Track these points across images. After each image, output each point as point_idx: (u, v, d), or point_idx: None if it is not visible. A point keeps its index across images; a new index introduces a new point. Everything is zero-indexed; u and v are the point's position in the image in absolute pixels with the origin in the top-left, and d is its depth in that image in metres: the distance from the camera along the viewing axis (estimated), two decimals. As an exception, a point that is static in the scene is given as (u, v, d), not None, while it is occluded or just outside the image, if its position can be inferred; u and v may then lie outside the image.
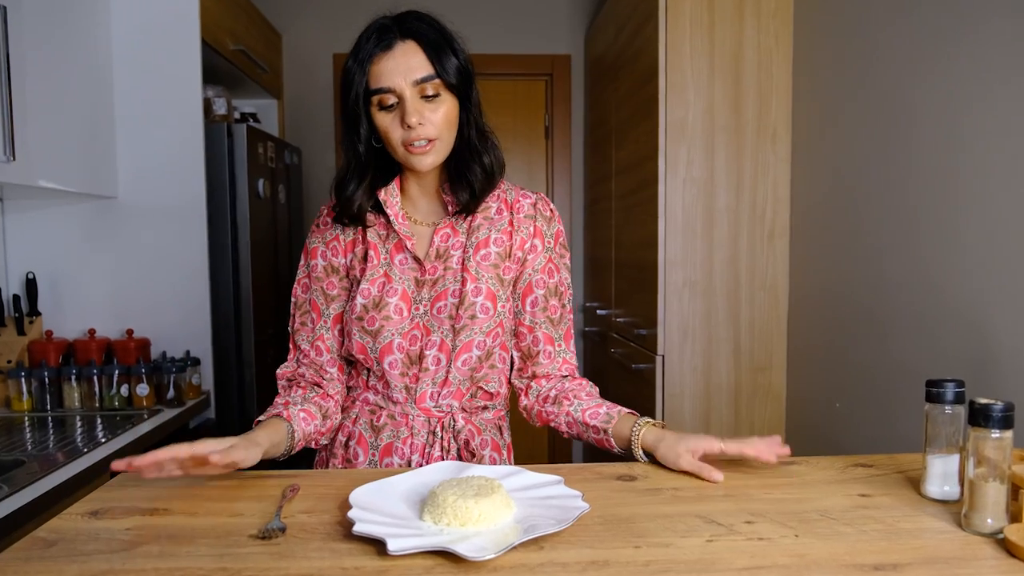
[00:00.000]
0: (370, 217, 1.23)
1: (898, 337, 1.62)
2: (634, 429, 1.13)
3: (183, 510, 0.93)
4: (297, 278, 1.31)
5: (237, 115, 2.93)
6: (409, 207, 1.26)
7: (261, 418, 1.19)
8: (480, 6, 3.47)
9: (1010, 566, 0.77)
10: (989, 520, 0.83)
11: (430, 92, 1.12)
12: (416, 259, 1.22)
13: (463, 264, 1.21)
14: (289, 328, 1.31)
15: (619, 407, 1.20)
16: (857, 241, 1.80)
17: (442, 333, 1.20)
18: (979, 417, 0.81)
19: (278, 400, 1.25)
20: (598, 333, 3.09)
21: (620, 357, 2.58)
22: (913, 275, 1.56)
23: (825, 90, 1.97)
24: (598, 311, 3.03)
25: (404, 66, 1.11)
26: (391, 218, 1.21)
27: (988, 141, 1.34)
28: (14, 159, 1.73)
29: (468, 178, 1.19)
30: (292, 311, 1.31)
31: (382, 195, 1.21)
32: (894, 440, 1.62)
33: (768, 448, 1.05)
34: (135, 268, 2.35)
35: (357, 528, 0.82)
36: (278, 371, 1.30)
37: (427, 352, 1.20)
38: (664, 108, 2.15)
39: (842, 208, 1.88)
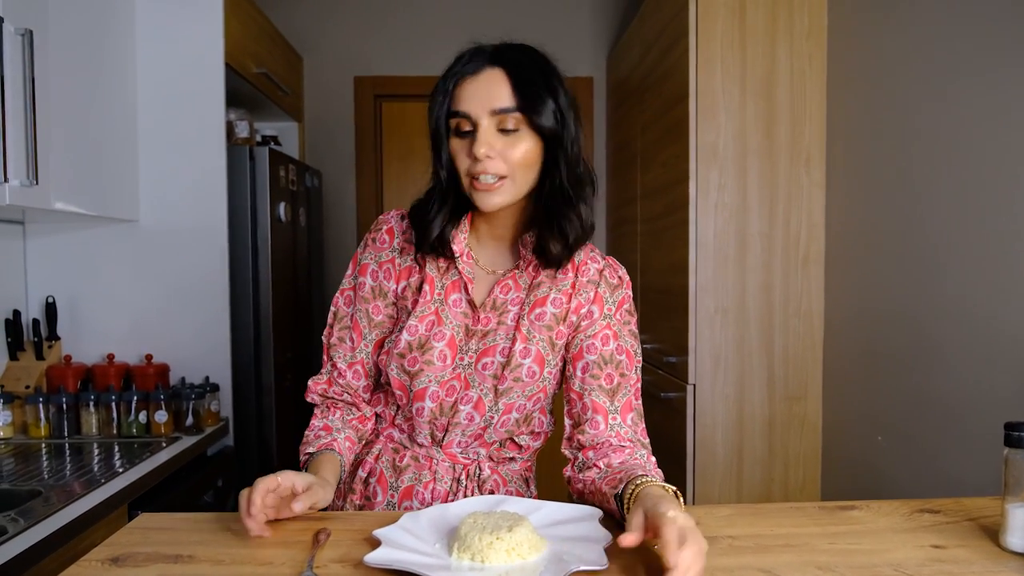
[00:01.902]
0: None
1: (950, 365, 1.55)
2: (639, 482, 0.93)
3: (208, 557, 0.88)
4: (341, 287, 1.23)
5: (258, 138, 2.91)
6: (475, 248, 1.17)
7: (311, 450, 1.13)
8: (500, 28, 3.41)
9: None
10: (1084, 579, 0.76)
11: (510, 126, 1.04)
12: (471, 304, 1.14)
13: (518, 321, 1.13)
14: (324, 338, 1.23)
15: (646, 475, 0.97)
16: (897, 267, 1.73)
17: (481, 391, 1.12)
18: (1076, 468, 0.75)
19: (316, 423, 1.18)
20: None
21: (647, 385, 2.51)
22: (965, 299, 1.50)
23: (861, 113, 1.92)
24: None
25: (485, 93, 1.04)
26: (457, 255, 1.13)
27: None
28: (37, 183, 1.70)
29: (564, 229, 1.08)
30: (330, 320, 1.23)
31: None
32: (948, 477, 1.54)
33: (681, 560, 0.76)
34: (155, 292, 2.32)
35: (381, 558, 0.81)
36: (310, 382, 1.22)
37: (461, 407, 1.13)
38: (695, 131, 2.10)
39: (881, 233, 1.81)
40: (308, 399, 1.23)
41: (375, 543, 0.88)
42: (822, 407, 2.13)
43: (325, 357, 1.23)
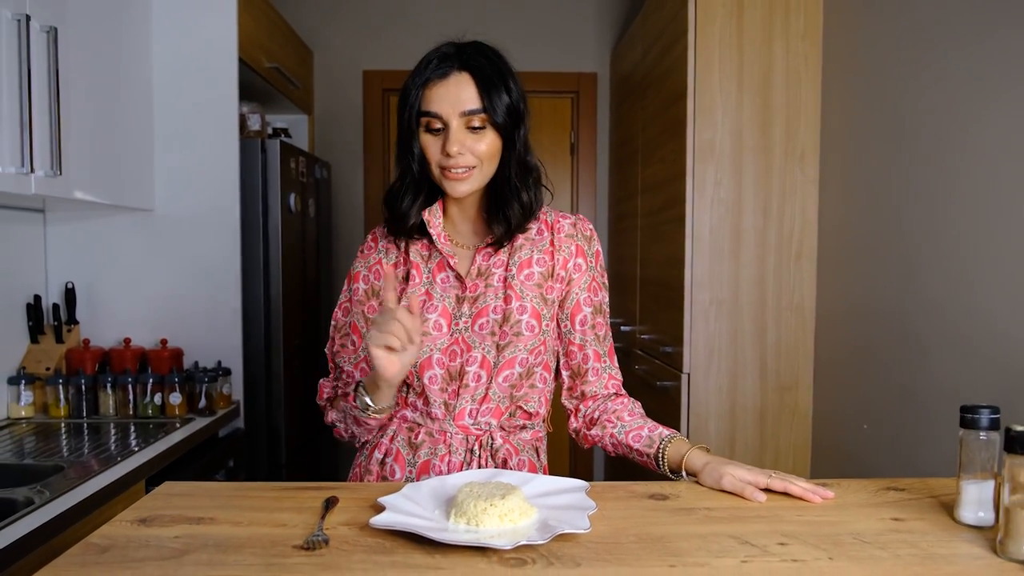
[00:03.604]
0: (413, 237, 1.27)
1: (930, 359, 1.62)
2: (685, 453, 1.17)
3: (228, 520, 0.96)
4: (339, 302, 1.35)
5: (270, 130, 2.99)
6: (451, 230, 1.29)
7: (357, 381, 1.24)
8: (507, 24, 3.52)
9: (1046, 594, 0.77)
10: (1024, 547, 0.83)
11: (476, 124, 1.16)
12: (458, 277, 1.25)
13: (505, 281, 1.24)
14: (327, 350, 1.35)
15: (660, 428, 1.23)
16: (887, 262, 1.80)
17: (484, 349, 1.22)
18: (1015, 444, 0.82)
19: (333, 414, 1.30)
20: (621, 349, 3.09)
21: (644, 374, 2.59)
22: (946, 296, 1.57)
23: (854, 111, 1.98)
24: (622, 327, 3.04)
25: (455, 97, 1.15)
26: (434, 237, 1.24)
27: None
28: (60, 174, 1.78)
29: (506, 213, 1.22)
30: (332, 333, 1.35)
31: (426, 215, 1.25)
32: (925, 463, 1.62)
33: (813, 490, 1.06)
34: (170, 279, 2.40)
35: (385, 520, 0.89)
36: (321, 383, 1.34)
37: (468, 368, 1.22)
38: (692, 128, 2.17)
39: (871, 229, 1.88)
40: (319, 402, 1.34)
41: (380, 509, 0.96)
42: (812, 397, 2.20)
43: (331, 365, 1.35)
